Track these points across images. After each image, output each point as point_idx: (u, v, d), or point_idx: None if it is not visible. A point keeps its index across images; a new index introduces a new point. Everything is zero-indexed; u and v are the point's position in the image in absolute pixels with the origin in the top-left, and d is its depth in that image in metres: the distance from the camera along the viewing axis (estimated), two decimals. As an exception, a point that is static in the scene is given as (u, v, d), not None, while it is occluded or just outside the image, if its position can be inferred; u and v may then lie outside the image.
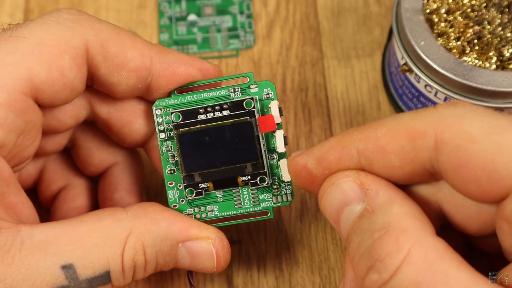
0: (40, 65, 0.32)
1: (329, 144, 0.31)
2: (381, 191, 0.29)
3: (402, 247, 0.26)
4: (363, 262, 0.27)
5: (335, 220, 0.30)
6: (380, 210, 0.28)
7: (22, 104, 0.31)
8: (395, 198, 0.28)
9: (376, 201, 0.28)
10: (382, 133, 0.29)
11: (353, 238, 0.28)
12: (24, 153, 0.34)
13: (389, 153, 0.29)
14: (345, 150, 0.30)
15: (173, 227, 0.33)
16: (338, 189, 0.30)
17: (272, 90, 0.35)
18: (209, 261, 0.34)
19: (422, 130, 0.28)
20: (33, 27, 0.32)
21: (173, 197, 0.35)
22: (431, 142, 0.28)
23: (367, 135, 0.29)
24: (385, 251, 0.26)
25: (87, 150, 0.39)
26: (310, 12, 0.49)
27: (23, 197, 0.34)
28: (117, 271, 0.32)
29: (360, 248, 0.28)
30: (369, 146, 0.29)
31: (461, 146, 0.27)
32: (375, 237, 0.27)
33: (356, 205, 0.29)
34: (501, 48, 0.39)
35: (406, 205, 0.28)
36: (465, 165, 0.27)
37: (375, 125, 0.29)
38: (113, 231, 0.32)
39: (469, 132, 0.27)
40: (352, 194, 0.29)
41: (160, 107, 0.35)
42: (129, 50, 0.34)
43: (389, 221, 0.27)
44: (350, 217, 0.29)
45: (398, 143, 0.28)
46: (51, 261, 0.30)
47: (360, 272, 0.27)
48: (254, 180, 0.35)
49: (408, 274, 0.26)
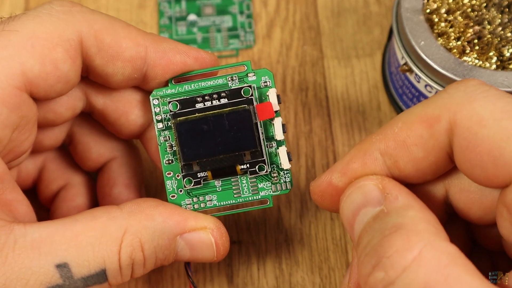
0: (33, 59, 0.31)
1: (349, 155, 0.30)
2: (401, 196, 0.28)
3: (413, 246, 0.25)
4: (368, 259, 0.27)
5: (350, 222, 0.29)
6: (395, 212, 0.27)
7: (16, 99, 0.31)
8: (413, 204, 0.28)
9: (393, 204, 0.28)
10: (399, 128, 0.29)
11: (364, 238, 0.28)
12: (20, 148, 0.33)
13: (410, 145, 0.28)
14: (367, 154, 0.30)
15: (169, 221, 0.33)
16: (359, 191, 0.29)
17: (270, 78, 0.35)
18: (209, 251, 0.34)
19: (435, 114, 0.28)
20: (25, 20, 0.32)
21: (171, 187, 0.35)
22: (446, 124, 0.27)
23: (385, 134, 0.29)
24: (393, 248, 0.26)
25: (85, 144, 0.39)
26: (310, 12, 0.49)
27: (19, 195, 0.34)
28: (113, 269, 0.31)
29: (368, 246, 0.27)
30: (389, 144, 0.29)
31: (471, 128, 0.26)
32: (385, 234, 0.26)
33: (374, 208, 0.28)
34: (501, 48, 0.39)
35: (423, 212, 0.27)
36: (473, 148, 0.26)
37: (389, 123, 0.29)
38: (108, 229, 0.31)
39: (480, 115, 0.26)
40: (372, 196, 0.29)
41: (157, 97, 0.35)
42: (124, 40, 0.33)
43: (403, 222, 0.27)
44: (365, 218, 0.28)
45: (417, 133, 0.28)
46: (45, 260, 0.30)
47: (364, 271, 0.27)
48: (253, 168, 0.35)
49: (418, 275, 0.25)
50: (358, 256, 0.28)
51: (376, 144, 0.29)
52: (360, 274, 0.27)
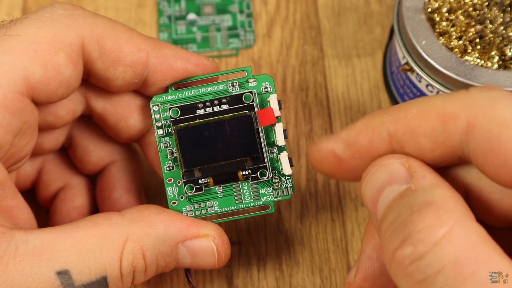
0: (35, 64, 0.31)
1: (357, 128, 0.30)
2: (428, 175, 0.28)
3: (443, 222, 0.25)
4: (395, 234, 0.26)
5: (373, 200, 0.29)
6: (423, 189, 0.27)
7: (18, 105, 0.31)
8: (440, 183, 0.27)
9: (421, 182, 0.27)
10: (413, 115, 0.28)
11: (389, 214, 0.27)
12: (21, 152, 0.33)
13: (420, 135, 0.28)
14: (376, 133, 0.29)
15: (171, 228, 0.33)
16: (384, 169, 0.29)
17: (270, 84, 0.35)
18: (210, 258, 0.34)
19: (454, 112, 0.27)
20: (27, 25, 0.32)
21: (172, 194, 0.35)
22: (463, 125, 0.27)
23: (398, 117, 0.29)
24: (424, 223, 0.25)
25: (85, 148, 0.38)
26: (311, 11, 0.49)
27: (19, 201, 0.34)
28: (114, 276, 0.31)
29: (394, 222, 0.26)
30: (399, 128, 0.28)
31: (494, 130, 0.26)
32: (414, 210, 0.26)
33: (400, 185, 0.28)
34: (503, 48, 0.39)
35: (452, 191, 0.27)
36: (496, 150, 0.26)
37: (405, 106, 0.29)
38: (109, 236, 0.31)
39: (503, 117, 0.26)
40: (398, 174, 0.28)
41: (157, 103, 0.35)
42: (125, 44, 0.33)
43: (432, 199, 0.26)
44: (391, 195, 0.28)
45: (429, 125, 0.28)
46: (46, 267, 0.30)
47: (391, 246, 0.26)
48: (255, 174, 0.35)
49: (448, 251, 0.24)
50: (383, 233, 0.27)
51: (387, 125, 0.29)
52: (386, 249, 0.27)
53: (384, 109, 0.29)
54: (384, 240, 0.27)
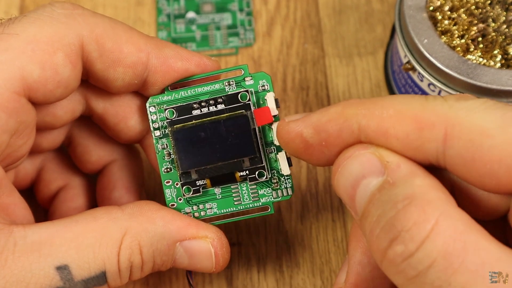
0: (33, 64, 0.31)
1: (329, 115, 0.29)
2: (403, 164, 0.28)
3: (429, 216, 0.25)
4: (384, 234, 0.26)
5: (350, 195, 0.28)
6: (402, 182, 0.27)
7: (14, 104, 0.31)
8: (416, 171, 0.27)
9: (397, 173, 0.27)
10: (389, 115, 0.28)
11: (371, 211, 0.27)
12: (17, 152, 0.33)
13: (391, 136, 0.28)
14: (346, 124, 0.29)
15: (170, 226, 0.33)
16: (355, 161, 0.28)
17: (267, 82, 0.35)
18: (208, 261, 0.34)
19: (431, 120, 0.27)
20: (25, 23, 0.32)
21: (170, 195, 0.35)
22: (440, 134, 0.27)
23: (372, 112, 0.28)
24: (411, 221, 0.25)
25: (84, 147, 0.38)
26: (311, 9, 0.48)
27: (16, 198, 0.33)
28: (113, 271, 0.31)
29: (380, 221, 0.26)
30: (371, 124, 0.28)
31: (474, 140, 0.26)
32: (399, 207, 0.26)
33: (375, 178, 0.28)
34: (506, 46, 0.39)
35: (429, 178, 0.27)
36: (479, 159, 0.26)
37: (381, 103, 0.28)
38: (108, 231, 0.31)
39: (482, 126, 0.26)
40: (371, 166, 0.28)
41: (153, 104, 0.35)
42: (125, 45, 0.33)
43: (413, 192, 0.26)
44: (368, 190, 0.28)
45: (404, 129, 0.28)
46: (45, 262, 0.30)
47: (381, 245, 0.26)
48: (253, 175, 0.34)
49: (437, 245, 0.25)
50: (369, 230, 0.27)
51: (359, 117, 0.28)
52: (376, 249, 0.27)
53: (361, 100, 0.29)
54: (372, 238, 0.27)
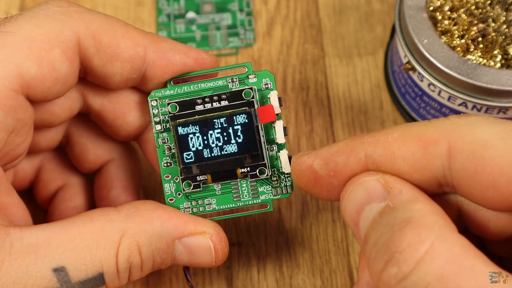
0: (30, 61, 0.31)
1: (337, 147, 0.30)
2: (405, 190, 0.28)
3: (424, 239, 0.25)
4: (380, 256, 0.26)
5: (354, 220, 0.29)
6: (402, 206, 0.27)
7: (12, 102, 0.31)
8: (418, 197, 0.28)
9: (398, 199, 0.28)
10: (393, 138, 0.29)
11: (371, 234, 0.27)
12: (16, 151, 0.33)
13: (398, 158, 0.28)
14: (353, 152, 0.29)
15: (167, 225, 0.33)
16: (361, 187, 0.29)
17: (271, 80, 0.35)
18: (207, 256, 0.34)
19: (434, 137, 0.28)
20: (21, 21, 0.32)
21: (169, 190, 0.35)
22: (444, 149, 0.27)
23: (377, 139, 0.29)
24: (405, 243, 0.25)
25: (82, 146, 0.38)
26: (311, 9, 0.48)
27: (14, 198, 0.33)
28: (111, 272, 0.31)
29: (377, 243, 0.27)
30: (377, 150, 0.29)
31: (476, 152, 0.27)
32: (395, 229, 0.26)
33: (378, 203, 0.28)
34: (506, 46, 0.39)
35: (430, 204, 0.27)
36: (481, 170, 0.26)
37: (386, 131, 0.29)
38: (105, 232, 0.31)
39: (483, 138, 0.27)
40: (375, 192, 0.28)
41: (155, 98, 0.35)
42: (122, 40, 0.33)
43: (411, 216, 0.26)
44: (371, 215, 0.28)
45: (409, 149, 0.28)
46: (42, 264, 0.30)
47: (377, 267, 0.26)
48: (254, 172, 0.34)
49: (431, 268, 0.25)
50: (368, 253, 0.27)
51: (365, 145, 0.29)
52: (372, 271, 0.27)
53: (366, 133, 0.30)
54: (369, 261, 0.27)
